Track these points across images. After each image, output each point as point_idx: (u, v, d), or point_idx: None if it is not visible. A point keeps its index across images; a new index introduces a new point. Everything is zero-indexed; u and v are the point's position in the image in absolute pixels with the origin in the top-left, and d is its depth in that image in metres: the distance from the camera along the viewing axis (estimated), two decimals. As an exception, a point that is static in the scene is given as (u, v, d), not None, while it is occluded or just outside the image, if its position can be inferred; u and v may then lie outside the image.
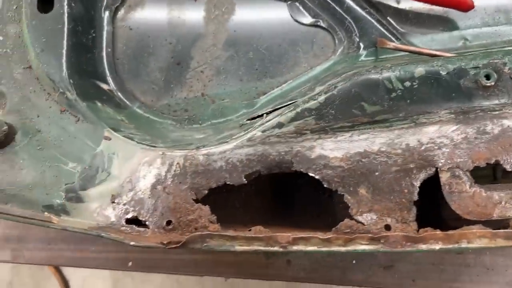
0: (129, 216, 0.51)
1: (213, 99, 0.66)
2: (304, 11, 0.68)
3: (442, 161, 0.50)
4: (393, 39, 0.66)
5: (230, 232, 0.47)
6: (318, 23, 0.68)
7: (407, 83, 0.51)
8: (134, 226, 0.51)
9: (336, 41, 0.68)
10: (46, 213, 0.52)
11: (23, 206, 0.53)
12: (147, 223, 0.51)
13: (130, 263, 0.75)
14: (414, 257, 0.72)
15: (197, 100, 0.66)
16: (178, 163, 0.53)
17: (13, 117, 0.60)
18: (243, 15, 0.69)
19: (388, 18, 0.68)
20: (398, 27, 0.67)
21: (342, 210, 0.60)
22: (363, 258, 0.72)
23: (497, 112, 0.51)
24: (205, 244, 0.47)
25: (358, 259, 0.72)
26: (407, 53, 0.64)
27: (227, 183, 0.52)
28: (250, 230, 0.49)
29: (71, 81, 0.60)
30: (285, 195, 0.68)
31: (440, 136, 0.51)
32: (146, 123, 0.63)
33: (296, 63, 0.68)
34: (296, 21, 0.69)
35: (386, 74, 0.52)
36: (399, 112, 0.52)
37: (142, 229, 0.50)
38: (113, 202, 0.52)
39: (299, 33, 0.68)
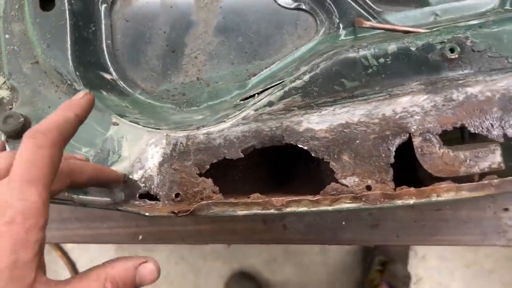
0: (141, 191, 0.58)
1: (207, 83, 0.72)
2: (287, -5, 0.74)
3: (414, 127, 0.57)
4: (370, 18, 0.72)
5: (232, 199, 0.54)
6: (300, 6, 0.74)
7: (381, 60, 0.58)
8: (146, 200, 0.57)
9: (318, 23, 0.73)
10: (66, 193, 0.58)
11: (45, 189, 0.60)
12: (157, 196, 0.57)
13: (140, 237, 0.82)
14: (398, 215, 0.79)
15: (193, 84, 0.72)
16: (181, 143, 0.59)
17: (27, 109, 0.66)
18: (230, 2, 0.74)
19: (365, -2, 0.73)
20: (374, 6, 0.73)
21: (328, 176, 0.67)
22: (352, 219, 0.80)
23: (461, 81, 0.58)
24: (211, 211, 0.54)
25: (347, 220, 0.80)
26: (382, 30, 0.70)
27: (226, 157, 0.58)
28: (249, 197, 0.56)
29: (77, 73, 0.66)
30: (280, 167, 0.75)
31: (412, 105, 0.58)
32: (148, 108, 0.69)
33: (282, 44, 0.74)
34: (279, 5, 0.74)
35: (362, 52, 0.58)
36: (376, 86, 0.58)
37: (153, 202, 0.57)
38: (125, 181, 0.59)
39: (283, 16, 0.74)
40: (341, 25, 0.71)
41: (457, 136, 0.64)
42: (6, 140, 0.64)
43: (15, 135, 0.63)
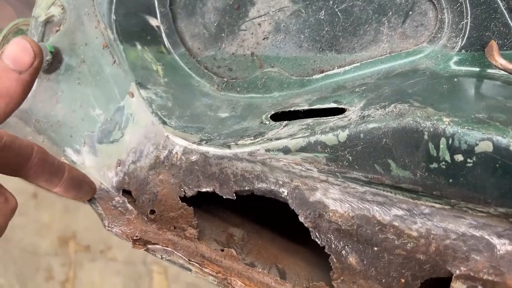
0: (126, 187, 0.52)
1: (261, 63, 0.56)
2: (411, -34, 0.50)
3: (463, 268, 0.38)
4: (521, 42, 0.45)
5: (189, 255, 0.45)
6: (423, -10, 0.49)
7: (459, 157, 0.36)
8: (126, 200, 0.51)
9: (438, 23, 0.49)
10: (63, 157, 0.55)
11: (50, 142, 0.57)
12: (136, 202, 0.51)
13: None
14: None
15: (245, 60, 0.57)
16: (177, 153, 0.49)
17: (65, 41, 0.60)
18: (330, -44, 0.53)
19: (529, 6, 0.46)
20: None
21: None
22: None
23: None
24: (166, 258, 0.46)
25: None
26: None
27: (216, 192, 0.47)
28: (223, 250, 0.47)
29: (114, 16, 0.56)
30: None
31: (477, 237, 0.38)
32: (182, 78, 0.57)
33: (375, 39, 0.52)
34: (396, -22, 0.51)
35: (435, 133, 0.37)
36: (433, 189, 0.38)
37: (130, 207, 0.51)
38: (118, 167, 0.53)
39: (393, -2, 0.51)
40: (459, 42, 0.47)
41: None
42: (37, 71, 0.61)
43: (43, 71, 0.60)
